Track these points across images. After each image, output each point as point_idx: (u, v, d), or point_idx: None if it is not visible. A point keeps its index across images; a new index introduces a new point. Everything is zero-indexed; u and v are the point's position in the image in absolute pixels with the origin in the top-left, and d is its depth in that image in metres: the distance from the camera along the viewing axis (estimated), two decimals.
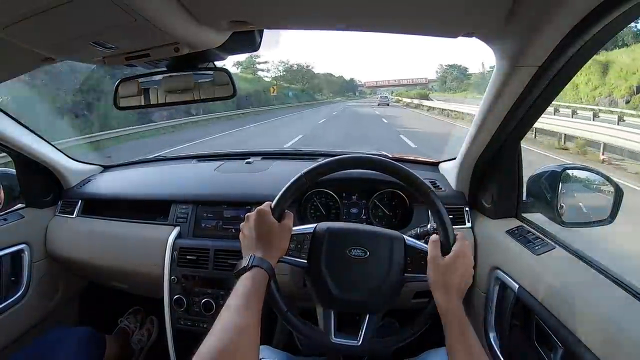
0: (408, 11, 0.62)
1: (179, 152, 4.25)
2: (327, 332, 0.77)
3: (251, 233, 0.73)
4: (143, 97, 0.98)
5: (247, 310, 0.60)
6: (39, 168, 1.37)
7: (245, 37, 0.80)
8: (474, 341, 0.65)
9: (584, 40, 0.64)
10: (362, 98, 77.08)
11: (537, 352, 0.82)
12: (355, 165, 0.82)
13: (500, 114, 0.87)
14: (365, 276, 0.77)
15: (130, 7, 0.56)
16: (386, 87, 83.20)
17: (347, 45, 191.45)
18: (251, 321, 0.59)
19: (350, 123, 17.79)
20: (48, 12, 0.57)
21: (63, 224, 1.40)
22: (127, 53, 0.77)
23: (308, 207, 1.26)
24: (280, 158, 1.60)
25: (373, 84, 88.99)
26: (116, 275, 1.35)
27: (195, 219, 1.24)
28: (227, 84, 0.93)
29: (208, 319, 1.15)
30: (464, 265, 0.73)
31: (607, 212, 0.93)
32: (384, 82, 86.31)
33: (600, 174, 0.97)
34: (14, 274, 1.30)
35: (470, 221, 1.14)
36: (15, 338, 1.29)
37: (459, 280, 0.72)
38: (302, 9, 0.65)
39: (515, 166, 1.02)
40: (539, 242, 0.91)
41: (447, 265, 0.72)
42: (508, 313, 0.92)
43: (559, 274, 0.80)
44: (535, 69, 0.72)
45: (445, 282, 0.71)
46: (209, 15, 0.65)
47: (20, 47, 0.71)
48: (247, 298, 0.62)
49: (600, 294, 0.71)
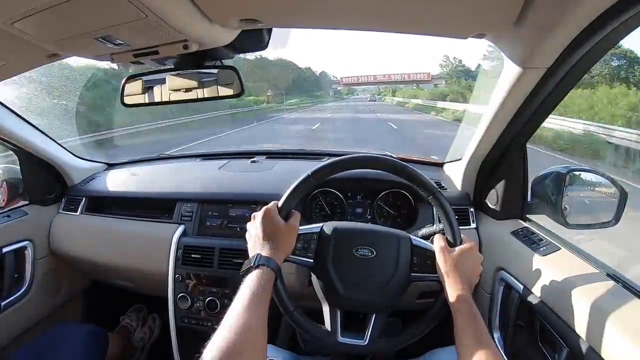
0: (419, 11, 0.62)
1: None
2: (334, 331, 0.77)
3: (258, 232, 0.73)
4: (148, 95, 0.98)
5: (254, 309, 0.59)
6: (43, 165, 1.37)
7: (254, 35, 0.80)
8: (484, 329, 0.64)
9: (592, 42, 0.64)
10: (339, 100, 58.35)
11: (541, 353, 0.82)
12: (361, 165, 0.82)
13: (507, 115, 0.88)
14: (372, 275, 0.77)
15: (141, 4, 0.56)
16: (370, 84, 67.14)
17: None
18: (258, 320, 0.59)
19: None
20: (57, 7, 0.57)
21: (67, 221, 1.40)
22: (136, 50, 0.77)
23: (313, 206, 1.26)
24: (285, 157, 1.60)
25: (352, 81, 68.20)
26: (120, 273, 1.35)
27: (200, 218, 1.24)
28: (232, 82, 0.92)
29: (212, 318, 1.14)
30: (473, 259, 0.75)
31: (611, 215, 0.93)
32: (367, 78, 65.72)
33: (605, 176, 0.97)
34: (17, 271, 1.30)
35: (475, 222, 1.14)
36: (19, 334, 1.29)
37: (469, 272, 0.72)
38: (312, 8, 0.65)
39: (521, 168, 1.02)
40: (544, 243, 0.91)
41: (457, 256, 0.73)
42: (513, 314, 0.92)
43: (564, 275, 0.80)
44: (544, 70, 0.72)
45: (456, 271, 0.72)
46: (220, 12, 0.65)
47: (27, 43, 0.71)
48: (253, 297, 0.61)
49: (605, 295, 0.71)
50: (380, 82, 65.59)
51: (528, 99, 0.81)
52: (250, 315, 0.58)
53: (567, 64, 0.70)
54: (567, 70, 0.72)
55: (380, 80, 64.83)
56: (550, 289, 0.80)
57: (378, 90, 72.47)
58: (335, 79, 75.04)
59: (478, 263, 0.76)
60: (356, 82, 68.93)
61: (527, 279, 0.88)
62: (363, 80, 67.55)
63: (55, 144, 1.39)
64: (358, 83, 69.01)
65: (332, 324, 0.78)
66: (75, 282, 1.54)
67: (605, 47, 0.66)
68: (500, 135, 0.95)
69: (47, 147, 1.35)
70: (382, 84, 67.55)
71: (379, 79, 65.05)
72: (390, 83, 63.61)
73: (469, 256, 0.74)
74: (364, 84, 69.56)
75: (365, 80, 67.26)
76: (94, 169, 1.58)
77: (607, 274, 0.76)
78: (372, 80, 66.17)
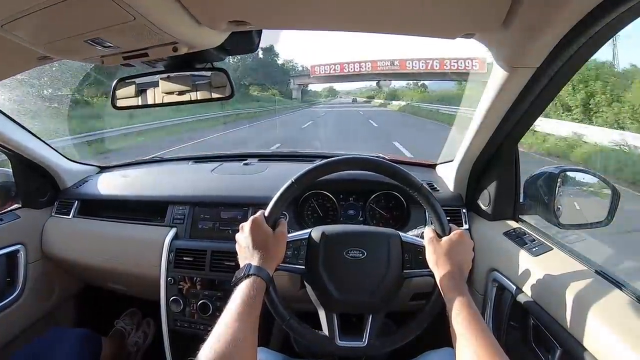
0: (407, 12, 0.62)
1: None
2: (332, 336, 0.77)
3: (247, 243, 0.73)
4: (140, 98, 0.97)
5: (244, 319, 0.59)
6: (35, 168, 1.36)
7: (244, 37, 0.80)
8: (477, 317, 0.63)
9: (582, 41, 0.64)
10: (304, 107, 33.96)
11: (534, 353, 0.82)
12: (343, 167, 0.82)
13: (498, 116, 0.88)
14: (365, 276, 0.77)
15: (129, 5, 0.55)
16: (364, 75, 37.68)
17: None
18: (248, 331, 0.58)
19: None
20: (45, 10, 0.56)
21: (59, 224, 1.39)
22: (125, 52, 0.77)
23: (305, 209, 1.26)
24: (278, 160, 1.60)
25: (328, 71, 38.41)
26: (112, 276, 1.34)
27: (192, 220, 1.24)
28: (224, 85, 0.92)
29: (205, 321, 1.14)
30: (463, 246, 0.74)
31: (604, 214, 0.93)
32: (360, 67, 36.09)
33: (597, 175, 0.97)
34: (9, 274, 1.30)
35: (468, 223, 1.14)
36: (11, 339, 1.28)
37: (459, 259, 0.72)
38: (301, 10, 0.65)
39: (513, 168, 1.02)
40: (537, 244, 0.91)
41: (446, 244, 0.73)
42: (505, 315, 0.91)
43: (557, 275, 0.80)
44: (533, 70, 0.72)
45: (446, 260, 0.71)
46: (209, 14, 0.65)
47: (16, 46, 0.71)
48: (244, 307, 0.61)
49: (598, 295, 0.71)
50: (382, 72, 35.29)
51: (518, 98, 0.81)
52: (239, 326, 0.58)
53: (557, 63, 0.70)
54: (557, 69, 0.72)
55: (383, 70, 34.81)
56: (542, 289, 0.80)
57: (377, 90, 47.55)
58: (304, 69, 44.06)
59: (469, 250, 0.76)
60: (336, 74, 38.62)
61: (519, 279, 0.88)
62: (352, 71, 37.13)
63: (47, 146, 1.38)
64: (343, 76, 38.50)
65: (329, 328, 0.78)
66: (68, 285, 1.53)
67: (595, 45, 0.66)
68: (491, 136, 0.95)
69: (40, 150, 1.34)
70: (388, 78, 39.09)
71: (382, 69, 34.75)
72: (399, 76, 35.83)
73: (459, 243, 0.74)
74: (354, 77, 39.13)
75: (354, 71, 36.96)
76: (87, 171, 1.57)
77: (599, 273, 0.76)
78: (368, 71, 35.89)
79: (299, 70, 46.51)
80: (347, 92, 55.28)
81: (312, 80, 43.39)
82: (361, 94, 57.27)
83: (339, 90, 58.27)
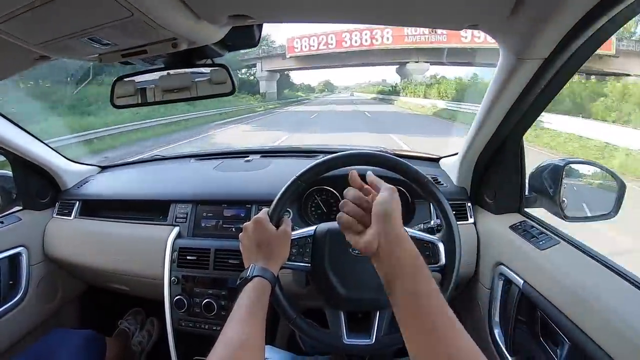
0: (413, 3, 0.61)
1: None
2: (340, 334, 0.77)
3: (251, 243, 0.72)
4: (140, 96, 0.96)
5: (250, 322, 0.59)
6: (35, 170, 1.35)
7: (244, 32, 0.78)
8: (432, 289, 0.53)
9: (590, 32, 0.63)
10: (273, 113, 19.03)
11: (543, 347, 0.82)
12: (349, 162, 0.80)
13: (504, 108, 0.86)
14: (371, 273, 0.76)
15: (126, 1, 0.54)
16: (375, 53, 23.93)
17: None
18: (254, 333, 0.58)
19: None
20: (42, 8, 0.55)
21: (61, 225, 1.38)
22: (124, 50, 0.75)
23: (309, 205, 1.25)
24: (280, 156, 1.59)
25: (315, 47, 24.84)
26: (115, 276, 1.34)
27: (194, 219, 1.23)
28: (225, 81, 0.91)
29: (209, 320, 1.13)
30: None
31: (610, 206, 0.93)
32: (372, 38, 22.45)
33: (603, 168, 0.96)
34: (12, 277, 1.29)
35: (473, 217, 1.13)
36: (15, 341, 1.28)
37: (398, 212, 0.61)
38: (304, 1, 0.64)
39: (518, 161, 1.01)
40: (543, 237, 0.90)
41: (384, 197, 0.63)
42: (513, 309, 0.91)
43: (564, 269, 0.79)
44: (540, 61, 0.71)
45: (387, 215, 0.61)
46: (208, 9, 0.64)
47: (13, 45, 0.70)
48: (249, 310, 0.61)
49: (606, 288, 0.71)
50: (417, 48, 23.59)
51: (525, 91, 0.80)
52: (245, 329, 0.57)
53: (564, 54, 0.69)
54: (564, 61, 0.71)
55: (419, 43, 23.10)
56: (550, 282, 0.80)
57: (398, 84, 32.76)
58: (275, 49, 29.69)
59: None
60: (334, 52, 25.28)
61: (526, 273, 0.87)
62: (357, 45, 24.38)
63: (47, 147, 1.36)
64: (337, 54, 25.68)
65: (337, 326, 0.77)
66: (72, 287, 1.52)
67: (603, 37, 0.65)
68: (496, 129, 0.93)
69: (39, 151, 1.32)
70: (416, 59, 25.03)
71: (415, 42, 23.20)
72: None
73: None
74: (357, 57, 25.81)
75: (362, 45, 24.29)
76: (87, 172, 1.56)
77: (606, 267, 0.76)
78: (387, 45, 23.80)
79: (275, 50, 29.21)
80: (346, 87, 44.40)
81: (289, 63, 27.37)
82: (365, 89, 41.86)
83: (337, 85, 46.90)
